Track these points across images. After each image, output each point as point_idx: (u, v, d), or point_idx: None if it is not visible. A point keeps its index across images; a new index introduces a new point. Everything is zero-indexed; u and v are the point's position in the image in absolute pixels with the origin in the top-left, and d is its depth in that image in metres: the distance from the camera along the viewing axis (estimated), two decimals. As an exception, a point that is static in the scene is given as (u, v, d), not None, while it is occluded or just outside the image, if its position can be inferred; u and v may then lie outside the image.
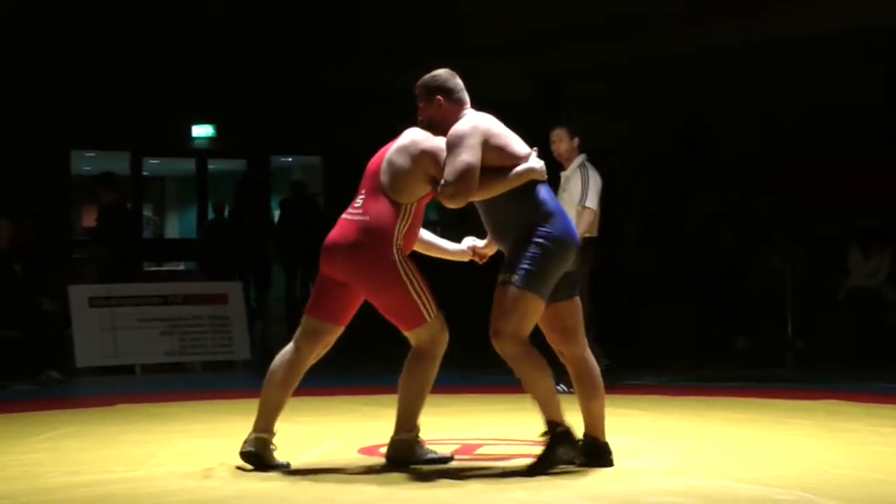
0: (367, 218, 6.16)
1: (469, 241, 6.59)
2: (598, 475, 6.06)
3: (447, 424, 7.67)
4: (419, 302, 6.17)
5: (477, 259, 6.59)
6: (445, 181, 6.04)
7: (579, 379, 6.34)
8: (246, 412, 7.66)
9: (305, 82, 18.78)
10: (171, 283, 13.22)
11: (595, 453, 6.25)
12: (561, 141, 9.73)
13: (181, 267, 19.75)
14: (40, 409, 9.16)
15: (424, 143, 6.21)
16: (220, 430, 7.72)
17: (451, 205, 6.11)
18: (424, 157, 6.18)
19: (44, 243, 12.11)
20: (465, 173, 6.02)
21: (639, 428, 7.64)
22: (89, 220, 14.73)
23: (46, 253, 12.11)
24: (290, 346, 6.31)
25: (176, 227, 24.11)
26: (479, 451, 6.87)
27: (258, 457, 6.21)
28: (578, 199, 9.51)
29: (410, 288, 6.15)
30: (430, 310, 6.20)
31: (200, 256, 17.24)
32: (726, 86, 16.97)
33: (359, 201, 6.24)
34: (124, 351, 12.03)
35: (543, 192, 6.18)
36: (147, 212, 22.13)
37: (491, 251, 6.52)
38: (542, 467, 6.09)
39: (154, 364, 12.20)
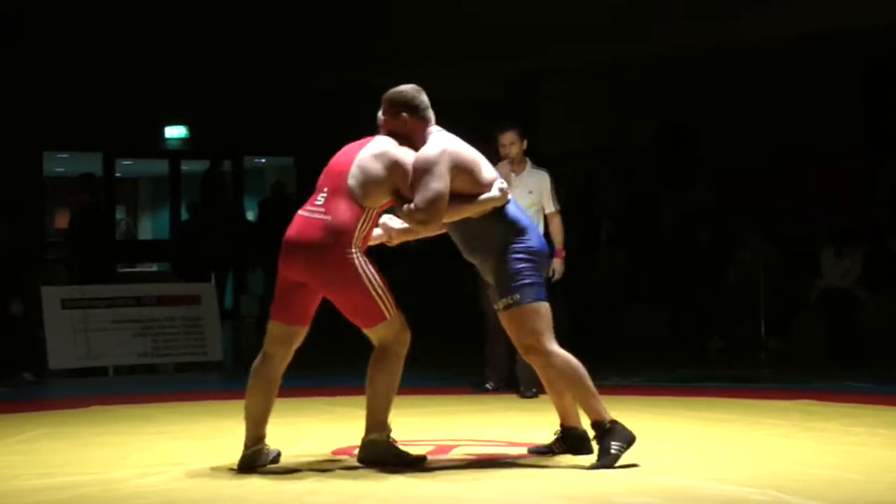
0: (329, 218, 6.14)
1: (384, 220, 6.49)
2: (573, 474, 6.06)
3: (422, 425, 7.66)
4: (378, 300, 6.18)
5: (387, 240, 6.52)
6: (417, 207, 6.09)
7: (548, 380, 6.49)
8: (219, 413, 7.66)
9: (278, 83, 18.75)
10: (144, 285, 13.19)
11: (576, 442, 6.49)
12: (513, 144, 9.33)
13: (154, 268, 19.70)
14: (13, 411, 9.11)
15: (397, 156, 6.21)
16: (194, 432, 7.70)
17: (420, 231, 6.23)
18: (397, 170, 6.19)
19: (18, 245, 12.04)
20: (436, 201, 6.09)
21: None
22: (62, 221, 14.70)
23: (20, 255, 12.05)
24: (262, 355, 6.30)
25: (149, 228, 24.04)
26: (455, 451, 6.85)
27: (254, 469, 6.25)
28: (548, 202, 9.42)
29: (369, 286, 6.15)
30: (389, 308, 6.21)
31: (174, 258, 17.19)
32: (702, 86, 17.00)
33: (320, 199, 6.21)
34: (97, 352, 11.97)
35: (513, 208, 6.37)
36: (120, 213, 22.06)
37: (401, 238, 6.47)
38: (606, 462, 6.15)
39: (127, 365, 12.16)
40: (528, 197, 9.22)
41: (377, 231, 6.44)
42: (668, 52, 16.07)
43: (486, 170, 6.29)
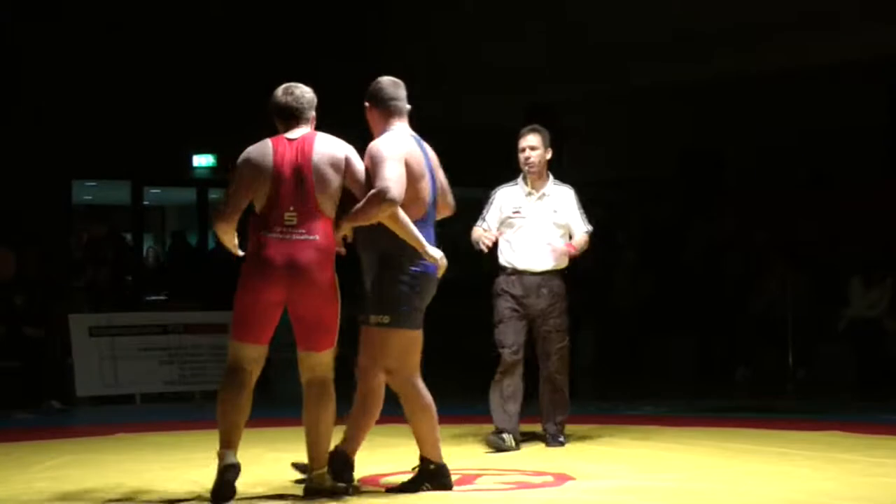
0: (317, 237, 6.14)
1: None
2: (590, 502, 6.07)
3: (449, 454, 7.64)
4: (338, 322, 6.22)
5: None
6: (389, 188, 6.09)
7: (406, 401, 6.41)
8: (245, 442, 7.63)
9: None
10: (170, 313, 13.23)
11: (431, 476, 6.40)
12: (534, 149, 8.31)
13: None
14: (41, 438, 9.16)
15: (347, 153, 6.28)
16: (220, 460, 7.70)
17: (388, 210, 6.12)
18: (349, 166, 6.25)
19: (46, 273, 12.13)
20: (402, 180, 6.15)
21: (638, 458, 7.63)
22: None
23: (48, 283, 12.13)
24: (239, 373, 6.24)
25: (176, 256, 24.07)
26: (479, 480, 6.84)
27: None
28: (578, 223, 8.36)
29: (339, 308, 6.21)
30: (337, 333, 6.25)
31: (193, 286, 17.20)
32: (727, 114, 17.00)
33: (291, 219, 6.15)
34: (124, 380, 12.03)
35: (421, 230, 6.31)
36: (148, 241, 22.14)
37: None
38: (405, 489, 6.32)
39: (154, 393, 12.20)
40: (552, 216, 8.32)
41: None
42: (690, 81, 16.07)
43: (425, 189, 6.33)
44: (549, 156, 8.38)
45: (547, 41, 16.14)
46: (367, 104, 6.52)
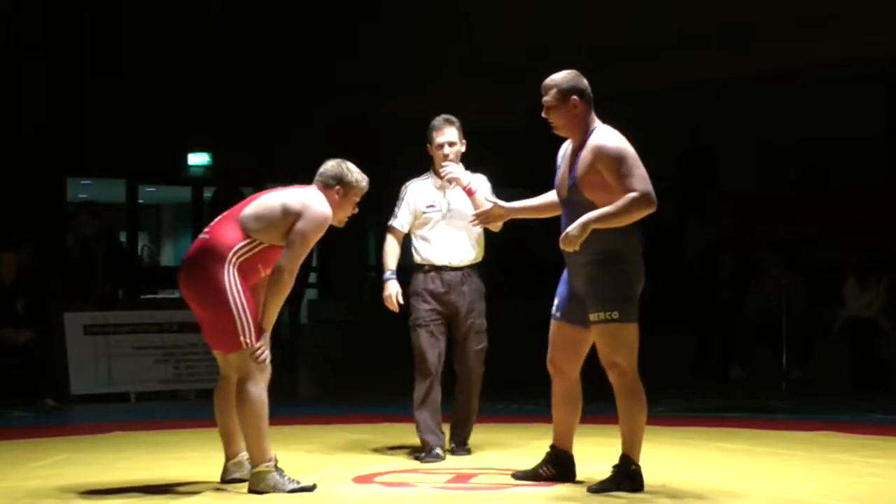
0: (209, 237, 6.37)
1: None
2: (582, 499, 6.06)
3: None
4: (239, 326, 6.19)
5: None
6: (652, 193, 6.38)
7: (568, 397, 6.58)
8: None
9: (300, 111, 18.82)
10: (165, 311, 13.20)
11: (564, 464, 6.60)
12: (452, 145, 7.63)
13: (176, 294, 19.72)
14: (35, 436, 9.14)
15: (305, 207, 6.38)
16: (215, 459, 7.68)
17: (650, 210, 6.38)
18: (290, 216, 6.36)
19: (42, 272, 12.11)
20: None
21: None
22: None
23: (44, 281, 12.11)
24: (220, 379, 6.55)
25: (171, 254, 24.12)
26: (474, 480, 6.85)
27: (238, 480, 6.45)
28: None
29: (234, 309, 6.19)
30: (248, 337, 6.21)
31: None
32: (725, 115, 17.01)
33: (210, 223, 6.47)
34: (119, 378, 12.00)
35: None
36: (143, 240, 22.14)
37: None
38: (602, 490, 6.26)
39: (149, 392, 12.18)
40: (468, 206, 7.55)
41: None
42: (689, 82, 16.07)
43: None
44: (464, 149, 7.71)
45: (546, 39, 16.14)
46: (573, 98, 6.53)
